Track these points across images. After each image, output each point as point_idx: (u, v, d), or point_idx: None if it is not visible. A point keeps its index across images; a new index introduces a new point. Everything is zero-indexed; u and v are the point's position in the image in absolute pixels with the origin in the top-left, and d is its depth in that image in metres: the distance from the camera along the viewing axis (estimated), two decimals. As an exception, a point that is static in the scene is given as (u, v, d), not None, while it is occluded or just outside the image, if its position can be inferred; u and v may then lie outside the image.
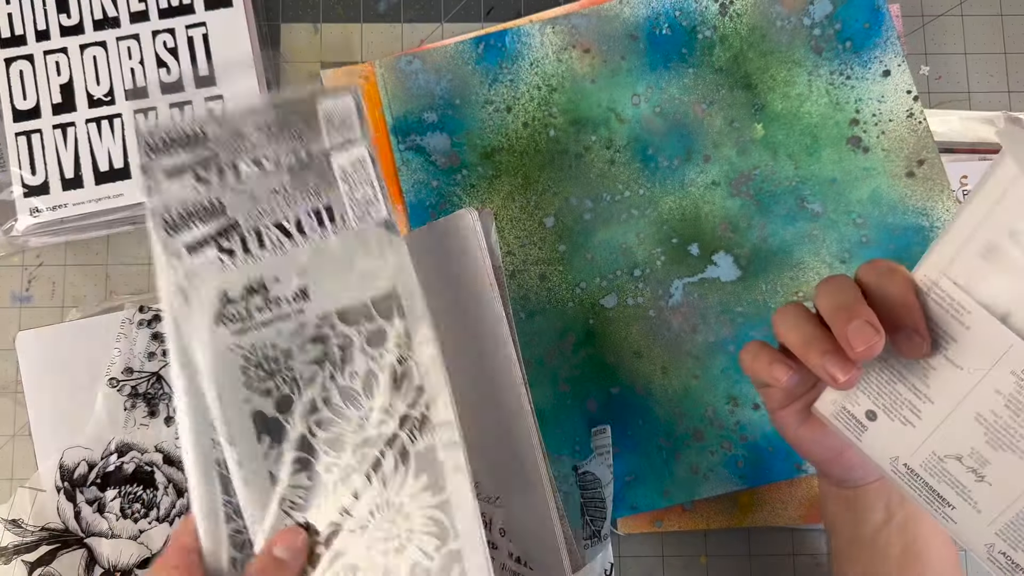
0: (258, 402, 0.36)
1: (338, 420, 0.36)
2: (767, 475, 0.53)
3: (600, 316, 0.54)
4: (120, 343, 0.49)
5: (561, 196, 0.55)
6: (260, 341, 0.36)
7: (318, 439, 0.36)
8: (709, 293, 0.54)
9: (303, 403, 0.36)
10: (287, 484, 0.36)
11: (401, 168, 0.55)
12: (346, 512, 0.36)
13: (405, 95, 0.56)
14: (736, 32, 0.56)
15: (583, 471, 0.50)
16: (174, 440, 0.49)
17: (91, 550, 0.47)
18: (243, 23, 0.55)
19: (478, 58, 0.56)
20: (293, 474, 0.36)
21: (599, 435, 0.51)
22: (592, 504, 0.48)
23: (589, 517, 0.48)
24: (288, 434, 0.36)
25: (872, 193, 0.55)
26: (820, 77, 0.56)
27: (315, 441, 0.36)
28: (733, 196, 0.55)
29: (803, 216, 0.55)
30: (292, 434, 0.36)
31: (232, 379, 0.35)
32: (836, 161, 0.55)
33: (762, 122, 0.56)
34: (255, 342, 0.35)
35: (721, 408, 0.53)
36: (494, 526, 0.44)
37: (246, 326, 0.35)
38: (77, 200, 0.53)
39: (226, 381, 0.35)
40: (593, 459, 0.50)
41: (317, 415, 0.36)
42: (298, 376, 0.36)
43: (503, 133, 0.56)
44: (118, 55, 0.54)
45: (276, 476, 0.35)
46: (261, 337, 0.36)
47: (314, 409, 0.36)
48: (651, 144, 0.55)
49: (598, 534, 0.47)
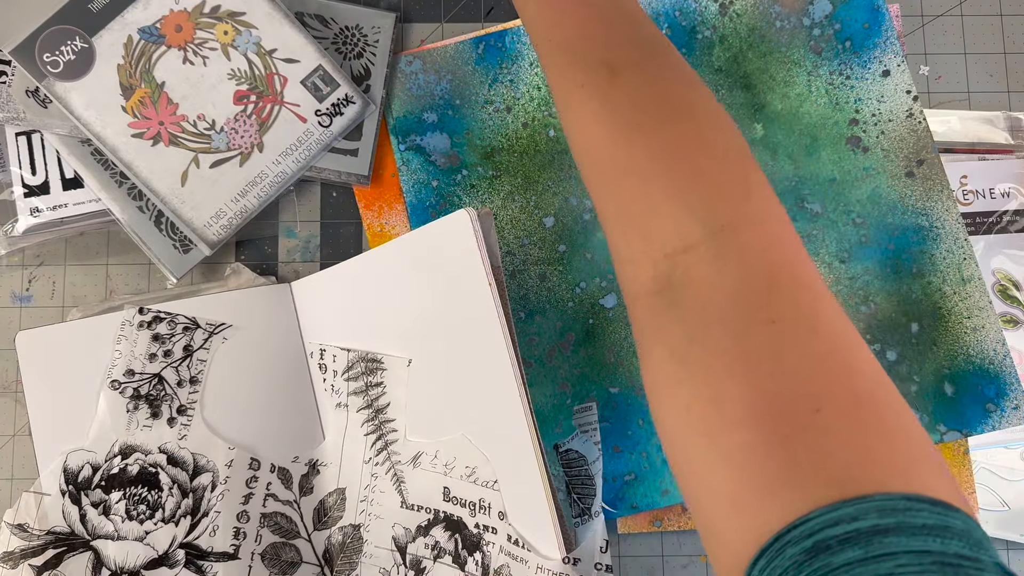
0: None
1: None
2: None
3: (600, 316, 0.54)
4: (121, 345, 0.49)
5: (561, 196, 0.55)
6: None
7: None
8: None
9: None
10: None
11: (401, 168, 0.55)
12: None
13: (405, 95, 0.56)
14: (736, 32, 0.56)
15: (565, 449, 0.50)
16: (177, 441, 0.49)
17: (98, 553, 0.47)
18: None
19: (478, 58, 0.56)
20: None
21: (582, 412, 0.51)
22: (578, 482, 0.49)
23: (576, 495, 0.48)
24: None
25: (871, 193, 0.55)
26: (819, 77, 0.56)
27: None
28: None
29: (802, 216, 0.55)
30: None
31: None
32: (835, 161, 0.55)
33: (761, 122, 0.56)
34: None
35: None
36: (492, 510, 0.45)
37: None
38: (77, 200, 0.53)
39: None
40: (576, 436, 0.50)
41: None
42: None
43: (503, 133, 0.56)
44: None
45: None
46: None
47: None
48: None
49: (588, 511, 0.47)
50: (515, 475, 0.45)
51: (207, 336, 0.50)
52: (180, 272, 0.53)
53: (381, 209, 0.56)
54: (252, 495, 0.49)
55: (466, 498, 0.47)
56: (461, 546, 0.47)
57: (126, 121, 0.51)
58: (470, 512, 0.46)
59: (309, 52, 0.52)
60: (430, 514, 0.48)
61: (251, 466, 0.49)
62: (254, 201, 0.52)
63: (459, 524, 0.47)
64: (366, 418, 0.50)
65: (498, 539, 0.46)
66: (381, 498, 0.49)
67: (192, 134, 0.51)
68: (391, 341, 0.49)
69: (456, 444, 0.47)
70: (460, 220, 0.45)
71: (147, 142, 0.51)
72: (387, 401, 0.49)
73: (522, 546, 0.45)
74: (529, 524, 0.44)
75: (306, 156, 0.53)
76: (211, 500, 0.48)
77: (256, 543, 0.48)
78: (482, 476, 0.46)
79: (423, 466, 0.48)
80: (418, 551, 0.48)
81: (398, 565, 0.48)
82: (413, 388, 0.48)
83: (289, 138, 0.52)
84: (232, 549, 0.48)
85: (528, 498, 0.44)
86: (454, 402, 0.47)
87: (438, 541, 0.47)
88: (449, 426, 0.47)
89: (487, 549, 0.46)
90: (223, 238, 0.52)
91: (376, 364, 0.49)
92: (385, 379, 0.49)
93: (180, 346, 0.50)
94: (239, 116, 0.52)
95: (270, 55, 0.52)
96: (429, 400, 0.48)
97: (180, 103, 0.51)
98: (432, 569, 0.47)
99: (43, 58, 0.50)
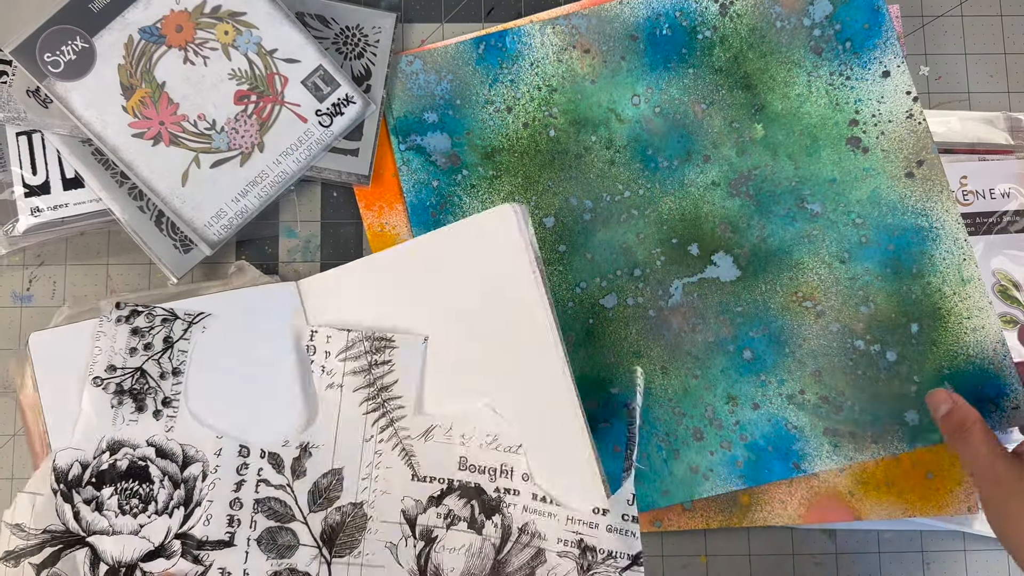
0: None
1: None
2: (767, 475, 0.53)
3: (600, 316, 0.54)
4: (100, 341, 0.49)
5: (561, 196, 0.55)
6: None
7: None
8: (709, 293, 0.54)
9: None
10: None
11: (401, 168, 0.55)
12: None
13: (405, 95, 0.56)
14: (736, 32, 0.56)
15: (631, 406, 0.51)
16: (164, 433, 0.49)
17: (94, 548, 0.48)
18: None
19: (478, 58, 0.56)
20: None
21: (637, 375, 0.52)
22: (629, 438, 0.50)
23: (628, 451, 0.49)
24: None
25: (871, 193, 0.55)
26: (820, 78, 0.56)
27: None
28: (732, 196, 0.55)
29: (802, 216, 0.55)
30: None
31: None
32: (835, 161, 0.55)
33: (762, 122, 0.56)
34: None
35: (720, 408, 0.54)
36: (516, 473, 0.49)
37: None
38: (78, 200, 0.53)
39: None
40: (635, 397, 0.51)
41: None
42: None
43: (503, 133, 0.56)
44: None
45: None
46: None
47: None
48: (651, 144, 0.56)
49: (631, 466, 0.49)
50: (552, 436, 0.48)
51: (186, 326, 0.50)
52: (180, 272, 0.53)
53: (381, 209, 0.56)
54: (244, 482, 0.49)
55: (485, 465, 0.49)
56: (479, 511, 0.49)
57: (127, 121, 0.51)
58: (489, 478, 0.49)
59: (309, 52, 0.52)
60: (443, 484, 0.50)
61: (240, 453, 0.49)
62: (255, 201, 0.52)
63: (477, 490, 0.49)
64: (366, 396, 0.50)
65: (521, 499, 0.49)
66: (388, 474, 0.50)
67: (193, 134, 0.51)
68: (418, 323, 0.51)
69: (475, 414, 0.49)
70: (506, 214, 0.49)
71: (148, 142, 0.51)
72: (394, 379, 0.50)
73: (550, 502, 0.48)
74: (561, 480, 0.48)
75: (306, 156, 0.53)
76: (203, 489, 0.49)
77: (251, 529, 0.49)
78: (504, 442, 0.49)
79: (436, 439, 0.50)
80: (429, 521, 0.49)
81: (407, 537, 0.49)
82: (433, 364, 0.50)
83: (290, 138, 0.52)
84: (227, 537, 0.48)
85: (565, 456, 0.48)
86: (488, 375, 0.50)
87: (451, 509, 0.49)
88: (472, 398, 0.50)
89: (508, 511, 0.49)
90: (223, 238, 0.52)
91: (385, 342, 0.50)
92: (394, 357, 0.50)
93: (160, 338, 0.50)
94: (240, 116, 0.52)
95: (271, 55, 0.52)
96: (452, 375, 0.50)
97: (181, 103, 0.51)
98: (444, 537, 0.49)
99: (44, 58, 0.50)
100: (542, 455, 0.49)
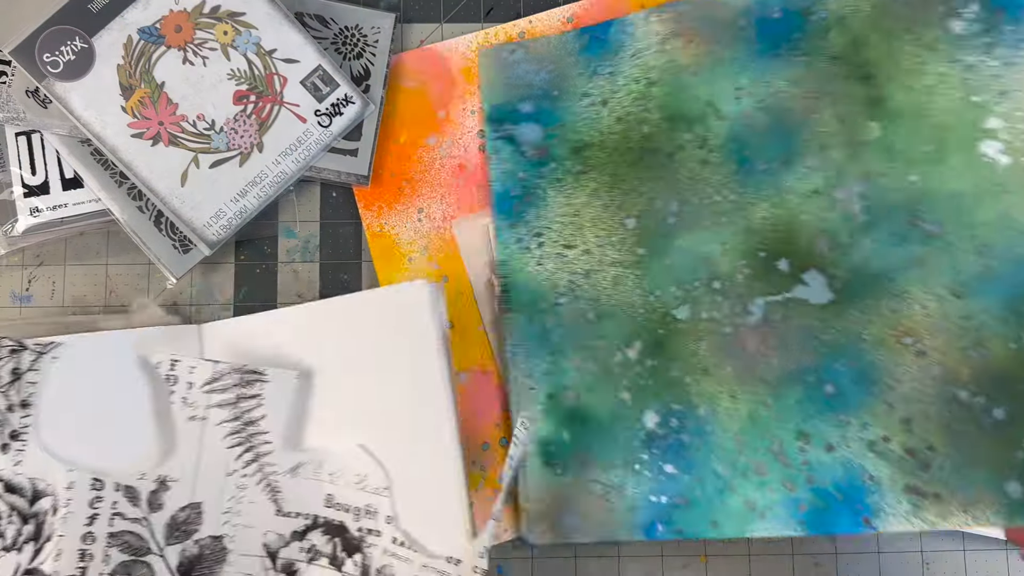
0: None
1: None
2: (831, 526, 0.48)
3: (671, 327, 0.50)
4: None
5: (647, 197, 0.51)
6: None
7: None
8: (794, 315, 0.49)
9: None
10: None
11: (491, 156, 0.54)
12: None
13: (504, 84, 0.54)
14: (856, 11, 0.49)
15: (511, 455, 0.50)
16: (12, 467, 0.48)
17: None
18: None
19: (581, 48, 0.54)
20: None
21: (519, 425, 0.50)
22: (504, 488, 0.49)
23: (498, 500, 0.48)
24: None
25: (1003, 215, 0.47)
26: (955, 63, 0.47)
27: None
28: (835, 207, 0.49)
29: (915, 236, 0.48)
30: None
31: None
32: (964, 171, 0.47)
33: (879, 120, 0.49)
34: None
35: (789, 443, 0.49)
36: (380, 515, 0.48)
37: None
38: (77, 200, 0.53)
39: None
40: (516, 447, 0.49)
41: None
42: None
43: (596, 128, 0.53)
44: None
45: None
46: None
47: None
48: (749, 144, 0.51)
49: (494, 516, 0.47)
50: (425, 482, 0.47)
51: (35, 357, 0.49)
52: (180, 272, 0.53)
53: (381, 209, 0.56)
54: (97, 516, 0.47)
55: (351, 504, 0.49)
56: (340, 548, 0.48)
57: (126, 121, 0.51)
58: (354, 517, 0.49)
59: (309, 52, 0.52)
60: (308, 520, 0.49)
61: (94, 487, 0.48)
62: (254, 201, 0.52)
63: (341, 528, 0.49)
64: (232, 430, 0.50)
65: (382, 541, 0.48)
66: (251, 508, 0.49)
67: (192, 134, 0.51)
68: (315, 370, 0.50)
69: (347, 454, 0.49)
70: (420, 292, 0.48)
71: (147, 142, 0.51)
72: (261, 414, 0.49)
73: (408, 547, 0.47)
74: (426, 526, 0.47)
75: (306, 156, 0.53)
76: (53, 524, 0.47)
77: (104, 564, 0.47)
78: (372, 483, 0.48)
79: (304, 475, 0.49)
80: (291, 555, 0.49)
81: (267, 570, 0.49)
82: (304, 402, 0.50)
83: (289, 138, 0.52)
84: (79, 572, 0.46)
85: (434, 502, 0.47)
86: (371, 416, 0.49)
87: (314, 544, 0.49)
88: (344, 438, 0.49)
89: (368, 551, 0.48)
90: (223, 238, 0.52)
91: (255, 375, 0.49)
92: (264, 391, 0.49)
93: (7, 370, 0.48)
94: (239, 116, 0.52)
95: (270, 55, 0.52)
96: (326, 414, 0.50)
97: (180, 103, 0.51)
98: (305, 571, 0.49)
99: (43, 58, 0.50)
100: (412, 499, 0.48)
